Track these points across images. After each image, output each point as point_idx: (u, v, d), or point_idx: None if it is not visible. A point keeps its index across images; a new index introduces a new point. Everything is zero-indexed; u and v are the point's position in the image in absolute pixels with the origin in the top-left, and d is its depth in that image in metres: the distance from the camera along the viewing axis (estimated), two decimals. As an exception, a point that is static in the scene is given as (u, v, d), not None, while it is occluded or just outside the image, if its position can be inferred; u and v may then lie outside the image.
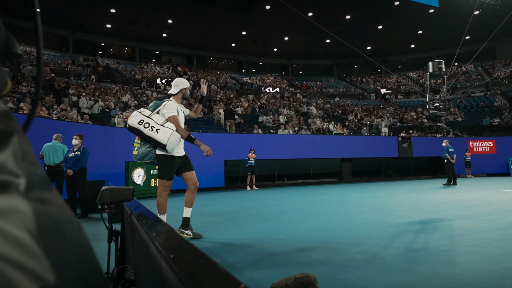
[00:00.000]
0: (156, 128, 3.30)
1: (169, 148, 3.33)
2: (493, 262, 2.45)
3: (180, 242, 0.68)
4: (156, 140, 3.29)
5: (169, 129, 3.33)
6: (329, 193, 9.32)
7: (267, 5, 23.32)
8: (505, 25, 27.48)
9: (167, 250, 0.62)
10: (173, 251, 0.60)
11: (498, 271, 2.22)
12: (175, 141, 3.34)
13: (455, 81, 29.34)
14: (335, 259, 2.68)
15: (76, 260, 0.24)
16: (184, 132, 3.45)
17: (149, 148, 3.46)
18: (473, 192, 8.31)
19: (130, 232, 1.61)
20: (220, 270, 0.45)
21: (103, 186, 1.81)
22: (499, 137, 17.50)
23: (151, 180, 9.69)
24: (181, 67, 28.39)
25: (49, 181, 0.26)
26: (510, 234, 3.40)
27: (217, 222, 4.76)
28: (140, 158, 3.47)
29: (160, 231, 0.87)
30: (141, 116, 3.40)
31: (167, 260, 0.55)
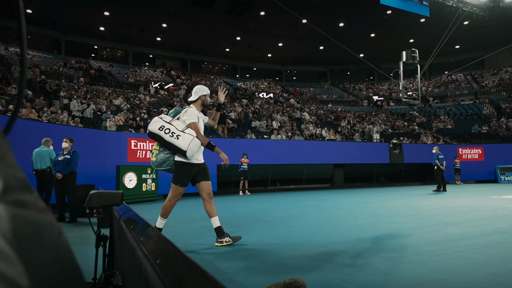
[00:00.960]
0: (177, 134, 3.28)
1: (189, 155, 3.29)
2: (480, 267, 2.49)
3: (167, 247, 0.67)
4: (176, 146, 3.26)
5: (190, 135, 3.30)
6: (321, 199, 9.32)
7: (262, 11, 23.48)
8: (493, 36, 28.17)
9: (154, 255, 0.61)
10: (160, 256, 0.59)
11: (484, 276, 2.27)
12: (195, 147, 3.30)
13: (445, 89, 29.83)
14: (325, 264, 2.69)
15: (55, 265, 0.23)
16: (204, 139, 3.40)
17: (167, 154, 3.42)
18: (462, 199, 8.41)
19: (118, 237, 1.60)
20: (205, 275, 0.44)
21: (92, 190, 1.78)
22: (487, 144, 17.80)
23: (142, 185, 9.60)
24: (175, 71, 28.33)
25: (30, 184, 0.26)
26: (497, 240, 3.48)
27: (209, 228, 4.70)
28: (158, 164, 3.44)
29: (148, 236, 0.87)
30: (162, 122, 3.38)
31: (153, 265, 0.55)
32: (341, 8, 23.45)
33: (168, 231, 4.47)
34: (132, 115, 13.80)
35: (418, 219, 5.07)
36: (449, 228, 4.23)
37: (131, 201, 9.04)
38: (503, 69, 29.48)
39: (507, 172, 16.65)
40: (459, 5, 21.64)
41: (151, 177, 9.79)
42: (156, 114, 14.72)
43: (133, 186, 9.32)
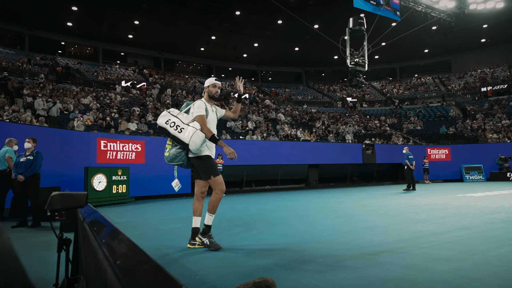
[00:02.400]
0: (181, 127, 3.25)
1: (191, 148, 3.21)
2: (444, 262, 2.60)
3: (130, 248, 0.67)
4: (180, 139, 3.23)
5: (193, 128, 3.23)
6: (296, 199, 9.35)
7: (238, 11, 23.35)
8: (459, 41, 29.53)
9: (115, 256, 0.60)
10: (121, 257, 0.59)
11: (448, 271, 2.37)
12: (198, 140, 3.19)
13: (415, 91, 30.96)
14: (297, 263, 2.71)
15: None
16: (209, 131, 3.29)
17: (179, 149, 3.37)
18: (430, 197, 8.70)
19: (82, 240, 1.57)
20: (166, 275, 0.45)
21: (54, 192, 1.68)
22: (454, 145, 18.60)
23: (112, 187, 9.23)
24: (148, 69, 27.58)
25: None
26: (460, 236, 3.64)
27: (182, 229, 4.64)
28: (171, 159, 3.39)
29: (111, 238, 0.86)
30: (169, 115, 3.36)
31: (112, 267, 0.55)
32: (316, 10, 23.75)
33: (139, 234, 4.35)
34: (102, 115, 13.26)
35: (388, 218, 5.21)
36: (417, 226, 4.38)
37: (101, 204, 8.71)
38: (468, 73, 30.99)
39: (471, 171, 17.45)
40: (428, 10, 22.49)
41: (122, 178, 9.44)
42: (127, 114, 14.23)
43: (103, 188, 8.97)
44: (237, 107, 3.79)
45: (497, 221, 4.59)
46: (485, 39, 29.63)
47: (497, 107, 22.99)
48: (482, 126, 21.14)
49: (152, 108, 16.04)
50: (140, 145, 10.73)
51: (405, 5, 21.94)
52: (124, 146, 10.36)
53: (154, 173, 10.81)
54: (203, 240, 3.32)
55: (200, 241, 3.34)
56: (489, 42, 30.12)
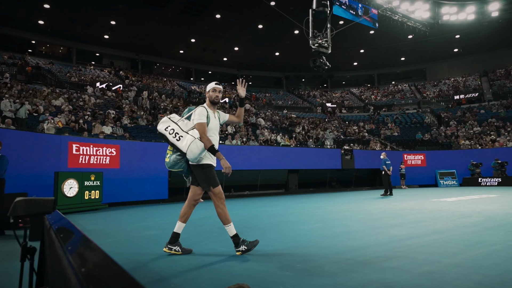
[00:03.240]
0: (180, 135, 3.19)
1: (189, 157, 3.15)
2: (418, 265, 2.67)
3: (97, 255, 0.65)
4: (178, 147, 3.17)
5: (191, 137, 3.15)
6: (275, 204, 9.28)
7: (218, 14, 23.25)
8: (433, 50, 30.60)
9: (80, 263, 0.59)
10: (86, 265, 0.58)
11: (422, 274, 2.44)
12: (196, 149, 3.11)
13: (392, 98, 31.77)
14: (275, 268, 2.72)
15: None
16: (208, 141, 3.20)
17: (179, 156, 3.29)
18: (406, 202, 8.85)
19: (49, 248, 1.53)
20: (131, 281, 0.45)
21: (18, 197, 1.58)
22: (429, 151, 19.12)
23: (84, 193, 8.85)
24: (124, 71, 26.91)
25: None
26: (434, 240, 3.72)
27: (157, 236, 4.52)
28: (171, 166, 3.32)
29: (78, 245, 0.85)
30: (169, 122, 3.30)
31: (76, 274, 0.54)
32: (297, 15, 23.96)
33: (111, 242, 4.22)
34: (74, 117, 12.76)
35: (366, 222, 5.28)
36: (393, 230, 4.46)
37: (72, 211, 8.35)
38: (442, 81, 32.12)
39: (445, 176, 17.96)
40: (404, 20, 23.16)
41: (95, 184, 9.07)
42: (102, 116, 13.76)
43: (74, 194, 8.58)
44: (240, 111, 3.71)
45: (468, 224, 4.68)
46: (457, 49, 30.86)
47: (469, 115, 23.88)
48: (455, 132, 21.88)
49: (128, 111, 15.61)
50: (115, 149, 10.36)
51: (383, 13, 22.51)
52: (98, 150, 9.98)
53: (129, 179, 10.46)
54: (241, 250, 3.21)
55: (241, 253, 3.22)
56: (461, 52, 31.38)
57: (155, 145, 11.50)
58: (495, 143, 19.01)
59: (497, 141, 19.13)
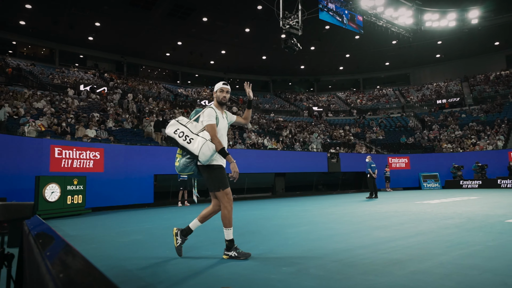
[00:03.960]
0: (190, 138, 3.11)
1: (201, 159, 3.08)
2: (402, 266, 2.71)
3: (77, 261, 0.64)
4: (189, 150, 3.09)
5: (203, 139, 3.08)
6: (262, 208, 9.27)
7: (205, 17, 23.21)
8: (417, 55, 31.33)
9: (58, 269, 0.58)
10: (65, 271, 0.56)
11: (405, 275, 2.48)
12: (208, 151, 3.05)
13: (377, 102, 32.33)
14: (260, 272, 2.72)
15: None
16: (219, 144, 3.14)
17: (189, 159, 3.23)
18: (391, 204, 8.99)
19: (27, 254, 1.50)
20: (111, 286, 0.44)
21: None
22: (413, 154, 19.50)
23: (67, 197, 8.63)
24: (109, 74, 26.48)
25: None
26: (417, 241, 3.79)
27: (142, 241, 4.44)
28: (181, 170, 3.26)
29: (57, 250, 0.83)
30: (178, 124, 3.21)
31: (54, 280, 0.52)
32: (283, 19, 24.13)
33: (95, 247, 4.11)
34: (57, 120, 12.47)
35: (351, 225, 5.34)
36: (378, 232, 4.52)
37: (53, 216, 8.14)
38: (425, 86, 32.89)
39: (428, 179, 18.34)
40: (388, 25, 23.64)
41: (78, 188, 8.87)
42: (85, 119, 13.50)
43: (56, 199, 8.36)
44: (248, 113, 3.68)
45: (450, 226, 4.78)
46: (439, 54, 31.70)
47: (451, 119, 24.51)
48: (438, 136, 22.40)
49: (113, 114, 15.36)
50: (99, 152, 10.17)
51: (368, 19, 22.91)
52: (81, 153, 9.78)
53: (114, 183, 10.28)
54: (230, 254, 3.22)
55: (228, 257, 3.22)
56: (443, 58, 32.25)
57: (140, 149, 11.35)
58: (476, 146, 19.55)
59: (477, 144, 19.68)
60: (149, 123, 14.57)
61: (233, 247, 3.22)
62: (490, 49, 30.17)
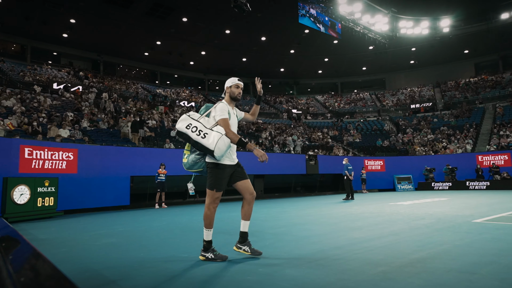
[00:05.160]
0: (204, 132, 3.01)
1: (217, 155, 2.97)
2: (374, 266, 2.79)
3: (40, 265, 0.64)
4: (203, 145, 2.98)
5: (218, 133, 2.99)
6: (240, 210, 9.23)
7: (185, 17, 23.00)
8: (392, 61, 32.33)
9: (20, 273, 0.58)
10: (27, 274, 0.57)
11: (377, 274, 2.55)
12: (223, 146, 2.97)
13: (354, 106, 33.07)
14: (237, 274, 2.73)
15: None
16: (235, 136, 3.07)
17: (198, 155, 3.18)
18: (366, 206, 9.20)
19: None
20: None
21: None
22: (388, 157, 20.07)
23: (37, 199, 8.30)
24: (85, 72, 25.67)
25: None
26: (390, 241, 3.90)
27: (116, 244, 4.31)
28: (190, 167, 3.21)
29: (21, 254, 0.81)
30: (190, 119, 3.12)
31: (15, 285, 0.51)
32: (264, 22, 24.33)
33: (65, 251, 3.96)
34: (27, 119, 11.98)
35: (328, 226, 5.43)
36: (353, 233, 4.61)
37: (22, 219, 7.80)
38: (400, 91, 33.98)
39: (402, 181, 18.93)
40: (365, 31, 24.28)
41: (49, 190, 8.55)
42: (58, 118, 13.04)
43: (25, 201, 8.03)
44: (256, 109, 3.63)
45: (421, 226, 4.96)
46: (413, 60, 32.87)
47: (424, 123, 25.42)
48: (411, 139, 23.17)
49: (88, 114, 14.93)
50: (72, 153, 9.85)
51: (346, 24, 23.44)
52: (54, 154, 9.44)
53: (88, 184, 9.98)
54: (207, 255, 3.18)
55: (204, 258, 3.18)
56: (417, 64, 33.47)
57: (117, 150, 11.08)
58: (446, 150, 20.37)
59: (448, 148, 20.51)
60: (126, 124, 14.25)
61: (210, 249, 3.19)
62: (460, 56, 31.60)
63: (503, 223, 5.07)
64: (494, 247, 3.35)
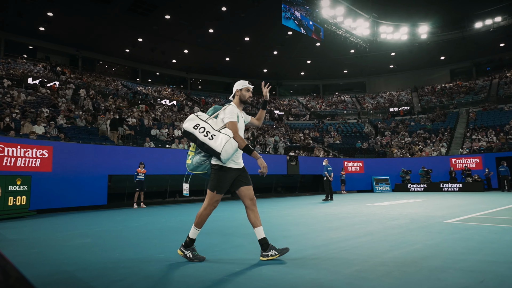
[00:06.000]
0: (212, 134, 2.97)
1: (223, 157, 2.92)
2: (349, 265, 2.86)
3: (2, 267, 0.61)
4: (210, 147, 2.93)
5: (226, 136, 2.95)
6: (220, 210, 9.20)
7: (167, 14, 22.71)
8: (372, 65, 33.06)
9: None
10: None
11: (351, 274, 2.62)
12: (230, 149, 2.92)
13: (335, 108, 33.59)
14: (213, 274, 2.71)
15: None
16: (242, 141, 3.03)
17: (203, 157, 3.13)
18: (344, 206, 9.37)
19: None
20: None
21: None
22: (367, 158, 20.51)
23: (8, 198, 7.99)
24: (62, 67, 24.89)
25: None
26: (365, 241, 3.99)
27: (91, 244, 4.20)
28: (194, 168, 3.15)
29: None
30: (198, 120, 3.07)
31: None
32: (247, 23, 24.35)
33: (36, 252, 3.83)
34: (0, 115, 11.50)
35: (306, 226, 5.48)
36: (330, 233, 4.68)
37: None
38: (379, 94, 34.77)
39: (380, 182, 19.38)
40: (347, 35, 24.71)
41: (21, 189, 8.24)
42: (33, 115, 12.59)
43: (-5, 200, 7.70)
44: (262, 114, 3.56)
45: (396, 226, 5.10)
46: (393, 65, 33.74)
47: (401, 126, 26.12)
48: (389, 142, 23.76)
49: (65, 110, 14.49)
50: (47, 150, 9.53)
51: (328, 28, 23.77)
52: (27, 151, 9.11)
53: (63, 183, 9.69)
54: (185, 253, 3.14)
55: (183, 254, 3.15)
56: (396, 68, 34.38)
57: (94, 148, 10.81)
58: (422, 152, 21.01)
59: (423, 150, 21.16)
60: (104, 121, 13.92)
61: (191, 247, 3.16)
62: (437, 62, 32.71)
63: (472, 223, 5.29)
64: (463, 246, 3.49)
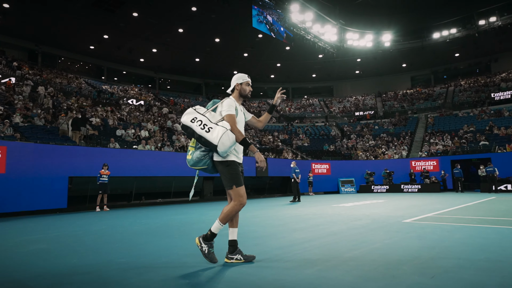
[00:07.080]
0: (209, 127, 2.92)
1: (220, 150, 2.87)
2: (311, 265, 2.92)
3: None
4: (207, 139, 2.88)
5: (222, 128, 2.89)
6: (188, 212, 9.11)
7: (135, 12, 22.10)
8: (339, 70, 34.08)
9: None
10: None
11: (312, 273, 2.67)
12: (227, 141, 2.86)
13: (304, 111, 34.26)
14: (174, 278, 2.68)
15: None
16: (240, 134, 2.96)
17: (204, 152, 3.07)
18: (311, 208, 9.58)
19: None
20: None
21: None
22: (333, 160, 21.09)
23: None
24: (19, 63, 23.41)
25: None
26: (328, 241, 4.10)
27: (46, 250, 3.99)
28: (194, 163, 3.09)
29: None
30: (195, 113, 3.03)
31: None
32: (218, 24, 24.25)
33: None
34: None
35: (272, 227, 5.55)
36: (295, 234, 4.76)
37: None
38: (346, 99, 35.92)
39: (345, 184, 20.00)
40: (316, 40, 25.32)
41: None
42: (-15, 112, 11.75)
43: None
44: (267, 117, 3.48)
45: (358, 226, 5.30)
46: (358, 71, 35.02)
47: (366, 130, 27.14)
48: (355, 145, 24.59)
49: (22, 108, 13.66)
50: (0, 151, 8.94)
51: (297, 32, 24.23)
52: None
53: (18, 185, 9.13)
54: (202, 246, 3.09)
55: (199, 245, 3.10)
56: (362, 74, 35.72)
57: (54, 148, 10.27)
58: (385, 155, 21.96)
59: (386, 153, 22.12)
60: (65, 121, 13.26)
61: (209, 242, 3.12)
62: (399, 69, 34.39)
63: (428, 222, 5.61)
64: (418, 244, 3.70)
